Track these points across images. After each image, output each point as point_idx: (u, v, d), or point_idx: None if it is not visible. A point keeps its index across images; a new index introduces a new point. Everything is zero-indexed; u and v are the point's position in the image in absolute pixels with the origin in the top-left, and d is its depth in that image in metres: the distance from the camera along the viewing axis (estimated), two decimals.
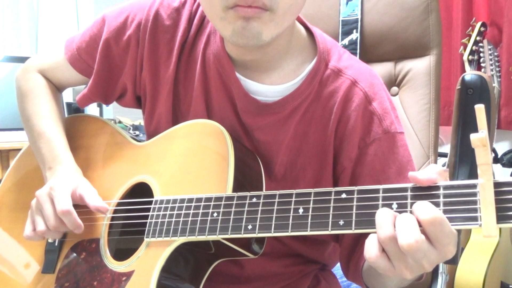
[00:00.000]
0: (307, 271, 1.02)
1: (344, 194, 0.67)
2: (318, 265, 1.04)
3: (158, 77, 0.95)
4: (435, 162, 1.35)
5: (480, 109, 0.55)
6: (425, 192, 0.62)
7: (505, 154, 2.23)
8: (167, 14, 0.94)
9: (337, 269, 1.03)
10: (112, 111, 2.71)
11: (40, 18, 3.04)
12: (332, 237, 0.96)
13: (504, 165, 2.23)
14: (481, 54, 2.28)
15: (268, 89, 0.89)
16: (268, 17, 0.76)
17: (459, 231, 1.23)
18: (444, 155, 1.94)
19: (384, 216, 0.60)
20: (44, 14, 3.05)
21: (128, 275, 0.82)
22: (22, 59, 2.42)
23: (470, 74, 1.27)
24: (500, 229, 2.13)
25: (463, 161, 1.25)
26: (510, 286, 2.09)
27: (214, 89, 0.92)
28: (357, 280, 0.90)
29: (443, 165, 1.90)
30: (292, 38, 0.89)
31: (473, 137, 0.55)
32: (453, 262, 1.25)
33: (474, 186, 0.59)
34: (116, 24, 0.97)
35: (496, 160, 2.23)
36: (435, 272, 1.36)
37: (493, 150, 2.18)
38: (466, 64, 2.27)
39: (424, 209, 0.58)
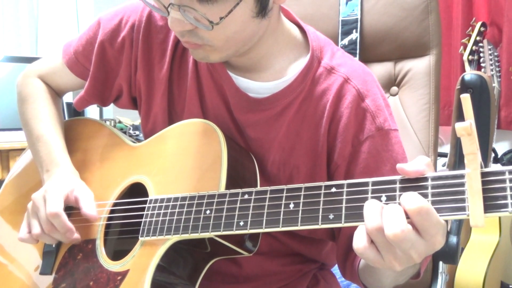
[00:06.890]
0: (305, 270, 1.02)
1: (334, 188, 0.67)
2: (317, 264, 1.04)
3: (153, 78, 0.96)
4: (435, 162, 1.34)
5: (465, 99, 0.54)
6: (413, 183, 0.62)
7: (505, 154, 2.22)
8: (160, 15, 0.94)
9: (337, 269, 1.03)
10: (112, 111, 2.71)
11: (40, 18, 3.04)
12: (328, 236, 0.96)
13: (504, 165, 2.23)
14: (481, 54, 2.28)
15: (259, 85, 0.89)
16: (208, 48, 0.80)
17: (459, 224, 1.23)
18: (444, 155, 1.93)
19: (371, 207, 0.60)
20: (44, 14, 3.05)
21: (123, 274, 0.83)
22: (22, 59, 2.44)
23: (470, 74, 1.27)
24: (500, 229, 2.13)
25: (463, 161, 1.24)
26: (510, 286, 2.09)
27: (206, 88, 0.92)
28: (354, 279, 0.90)
29: (443, 165, 1.90)
30: (280, 38, 0.89)
31: (457, 126, 0.54)
32: (453, 262, 1.24)
33: (461, 176, 0.59)
34: (110, 26, 0.97)
35: (496, 160, 2.23)
36: (435, 272, 1.36)
37: (493, 150, 2.18)
38: (466, 64, 2.26)
39: (411, 199, 0.58)
